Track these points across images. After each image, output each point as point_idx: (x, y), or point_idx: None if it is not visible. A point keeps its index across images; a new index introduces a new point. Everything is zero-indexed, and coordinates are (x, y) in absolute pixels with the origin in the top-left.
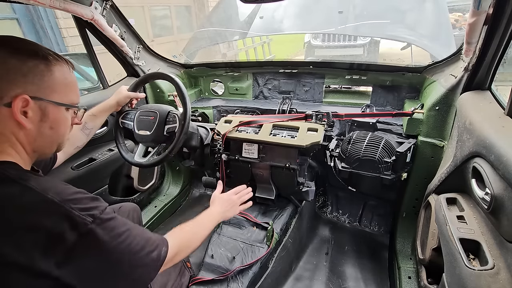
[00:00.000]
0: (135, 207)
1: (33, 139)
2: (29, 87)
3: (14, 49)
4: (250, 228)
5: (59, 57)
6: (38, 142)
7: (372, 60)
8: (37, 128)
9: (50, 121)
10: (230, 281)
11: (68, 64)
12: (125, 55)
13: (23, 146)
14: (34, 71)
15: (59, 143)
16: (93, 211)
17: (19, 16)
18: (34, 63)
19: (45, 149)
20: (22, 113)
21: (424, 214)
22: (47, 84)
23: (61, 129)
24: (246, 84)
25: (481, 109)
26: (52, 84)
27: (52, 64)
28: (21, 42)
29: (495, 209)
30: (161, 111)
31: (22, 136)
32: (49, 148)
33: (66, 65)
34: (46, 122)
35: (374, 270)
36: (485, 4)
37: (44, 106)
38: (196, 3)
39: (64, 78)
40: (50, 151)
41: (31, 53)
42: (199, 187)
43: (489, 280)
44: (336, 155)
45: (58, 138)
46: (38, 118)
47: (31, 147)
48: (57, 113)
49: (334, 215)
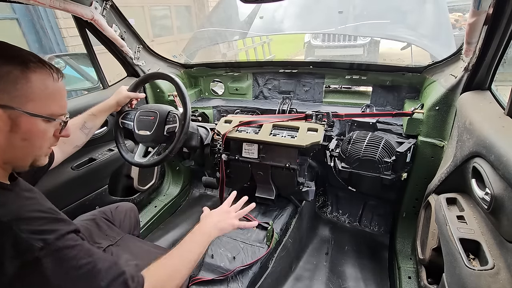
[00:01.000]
0: (132, 207)
1: (1, 150)
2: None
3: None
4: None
5: (45, 64)
6: (9, 154)
7: (372, 60)
8: (7, 139)
9: (22, 132)
10: (230, 281)
11: (54, 72)
12: (125, 55)
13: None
14: (7, 77)
15: (35, 155)
16: (48, 235)
17: (19, 16)
18: (8, 69)
19: (18, 161)
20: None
21: (424, 214)
22: (20, 93)
23: (36, 141)
24: (246, 84)
25: (481, 109)
26: (27, 92)
27: (31, 71)
28: (2, 46)
29: (495, 209)
30: (161, 111)
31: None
32: (22, 160)
33: (50, 73)
34: (17, 133)
35: (374, 270)
36: (485, 4)
37: (15, 116)
38: (196, 3)
39: (45, 87)
40: (23, 164)
41: (8, 58)
42: (199, 187)
43: (489, 280)
44: (336, 155)
45: (33, 151)
46: (8, 128)
47: (0, 158)
48: (31, 124)
49: (334, 215)
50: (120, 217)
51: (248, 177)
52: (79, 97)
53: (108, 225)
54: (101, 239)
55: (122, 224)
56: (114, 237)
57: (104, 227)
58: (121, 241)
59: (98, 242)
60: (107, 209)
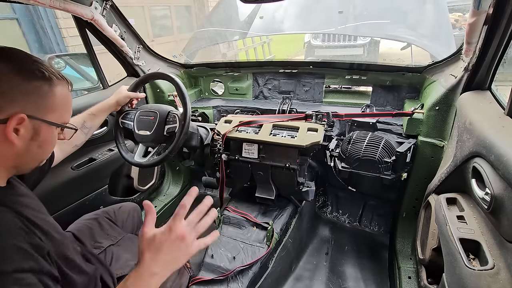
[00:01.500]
0: (135, 207)
1: (17, 156)
2: (28, 106)
3: (19, 66)
4: (250, 228)
5: (62, 76)
6: (22, 159)
7: (372, 60)
8: (26, 146)
9: (40, 140)
10: (230, 281)
11: (68, 83)
12: (125, 55)
13: (3, 161)
14: (38, 92)
15: (42, 160)
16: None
17: (19, 16)
18: (39, 84)
19: (27, 165)
20: (13, 131)
21: (424, 214)
22: (47, 105)
23: (48, 147)
24: (246, 84)
25: (481, 109)
26: (52, 105)
27: (55, 85)
28: (27, 58)
29: (495, 209)
30: (161, 111)
31: (7, 151)
32: (32, 164)
33: (67, 85)
34: (36, 141)
35: (374, 270)
36: (485, 4)
37: (38, 125)
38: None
39: (65, 99)
40: (31, 167)
41: (37, 72)
42: (199, 187)
43: (489, 280)
44: (336, 155)
45: (43, 156)
46: (29, 137)
47: (12, 163)
48: (49, 132)
49: (334, 215)
50: (123, 217)
51: (248, 177)
52: (79, 97)
53: (110, 225)
54: (102, 238)
55: (125, 224)
56: (116, 236)
57: (106, 227)
58: (122, 241)
59: (99, 242)
60: (110, 209)
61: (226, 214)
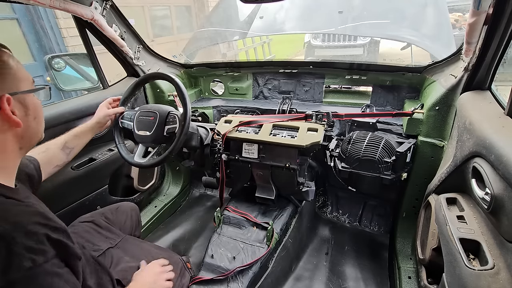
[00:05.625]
0: (134, 207)
1: (21, 137)
2: (3, 86)
3: None
4: (250, 228)
5: (2, 46)
6: (25, 138)
7: (372, 60)
8: (25, 123)
9: (32, 112)
10: (230, 281)
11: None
12: (125, 55)
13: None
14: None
15: (41, 131)
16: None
17: (19, 16)
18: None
19: (31, 142)
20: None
21: (424, 214)
22: (14, 78)
23: (41, 117)
24: (246, 84)
25: (481, 109)
26: (16, 75)
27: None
28: None
29: (495, 209)
30: (161, 111)
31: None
32: (34, 139)
33: (8, 51)
34: (30, 115)
35: (374, 270)
36: (485, 4)
37: (23, 99)
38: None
39: (19, 66)
40: (34, 143)
41: None
42: (199, 187)
43: (489, 280)
44: (336, 155)
45: (40, 127)
46: (24, 113)
47: (18, 145)
48: (34, 101)
49: (334, 215)
50: (121, 218)
51: (248, 177)
52: (79, 97)
53: (108, 227)
54: (100, 241)
55: (123, 225)
56: (114, 239)
57: (104, 229)
58: (121, 243)
59: (98, 245)
60: (107, 210)
61: (226, 214)
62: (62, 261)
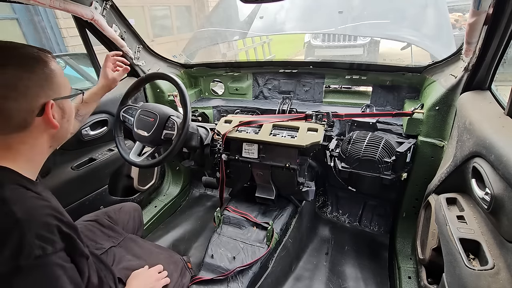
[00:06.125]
0: (136, 207)
1: (53, 137)
2: (48, 93)
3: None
4: (250, 228)
5: (48, 52)
6: (57, 138)
7: (372, 60)
8: (60, 125)
9: (67, 115)
10: (230, 281)
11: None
12: (125, 55)
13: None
14: (44, 77)
15: (71, 131)
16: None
17: (19, 16)
18: (41, 70)
19: (61, 141)
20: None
21: (424, 214)
22: (56, 84)
23: (72, 117)
24: (246, 84)
25: (481, 109)
26: (58, 81)
27: (50, 63)
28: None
29: (495, 209)
30: (162, 114)
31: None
32: (64, 138)
33: (53, 58)
34: (64, 118)
35: (374, 270)
36: (485, 4)
37: (62, 104)
38: (196, 3)
39: (61, 72)
40: (63, 141)
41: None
42: (199, 187)
43: (489, 280)
44: (336, 155)
45: (71, 127)
46: (60, 116)
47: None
48: (69, 106)
49: (334, 215)
50: (124, 218)
51: (248, 177)
52: None
53: (111, 226)
54: (103, 240)
55: (126, 225)
56: (117, 238)
57: (106, 229)
58: (123, 242)
59: (101, 243)
60: (110, 210)
61: (226, 214)
62: (68, 256)
